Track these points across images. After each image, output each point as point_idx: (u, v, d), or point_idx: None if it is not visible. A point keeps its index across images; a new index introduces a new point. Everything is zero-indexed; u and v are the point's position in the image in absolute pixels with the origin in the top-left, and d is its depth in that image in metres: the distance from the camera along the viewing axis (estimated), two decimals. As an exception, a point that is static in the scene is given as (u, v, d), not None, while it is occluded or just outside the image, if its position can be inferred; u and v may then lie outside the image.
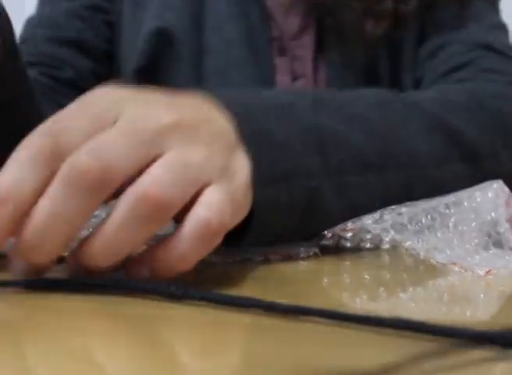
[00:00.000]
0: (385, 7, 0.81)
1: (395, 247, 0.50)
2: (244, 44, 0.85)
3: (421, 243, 0.47)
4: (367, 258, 0.51)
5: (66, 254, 0.40)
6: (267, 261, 0.49)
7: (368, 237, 0.51)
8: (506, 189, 0.52)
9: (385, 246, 0.51)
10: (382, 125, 0.55)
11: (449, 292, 0.43)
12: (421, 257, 0.47)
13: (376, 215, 0.50)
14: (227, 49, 0.85)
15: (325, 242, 0.51)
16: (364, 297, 0.43)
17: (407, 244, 0.47)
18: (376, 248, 0.51)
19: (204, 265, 0.42)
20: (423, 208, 0.49)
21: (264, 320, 0.35)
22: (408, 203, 0.51)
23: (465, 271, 0.46)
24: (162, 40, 0.85)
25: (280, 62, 0.85)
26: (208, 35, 0.86)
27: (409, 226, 0.48)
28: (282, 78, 0.85)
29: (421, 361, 0.28)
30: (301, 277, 0.46)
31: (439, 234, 0.48)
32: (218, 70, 0.85)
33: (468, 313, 0.40)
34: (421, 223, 0.48)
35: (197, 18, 0.87)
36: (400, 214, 0.49)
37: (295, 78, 0.85)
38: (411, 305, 0.42)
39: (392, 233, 0.47)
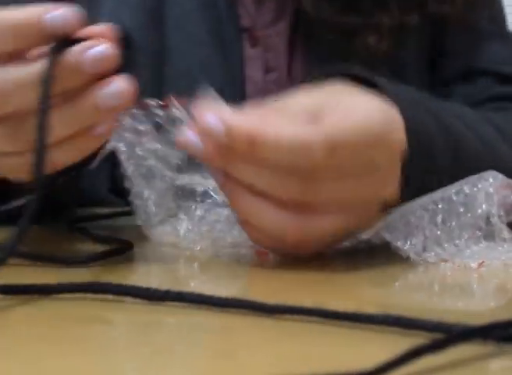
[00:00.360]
0: (386, 21, 0.78)
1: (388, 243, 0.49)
2: (210, 40, 0.78)
3: (408, 245, 0.47)
4: (359, 252, 0.50)
5: None
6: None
7: (360, 245, 0.50)
8: (500, 176, 0.51)
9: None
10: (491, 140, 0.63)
11: (440, 284, 0.43)
12: (411, 259, 0.46)
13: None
14: (191, 49, 0.79)
15: None
16: (356, 289, 0.43)
17: (398, 243, 0.46)
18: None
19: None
20: (412, 206, 0.49)
21: (251, 320, 0.34)
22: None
23: (458, 266, 0.45)
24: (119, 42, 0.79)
25: (252, 54, 0.78)
26: (169, 34, 0.79)
27: (398, 226, 0.47)
28: (254, 73, 0.77)
29: (415, 357, 0.27)
30: (290, 275, 0.45)
31: (427, 233, 0.48)
32: (181, 73, 0.79)
33: (461, 306, 0.40)
34: (409, 221, 0.48)
35: (156, 15, 0.79)
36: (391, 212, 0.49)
37: (268, 71, 0.78)
38: (404, 297, 0.41)
39: (384, 234, 0.46)
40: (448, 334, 0.30)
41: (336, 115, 0.44)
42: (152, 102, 0.47)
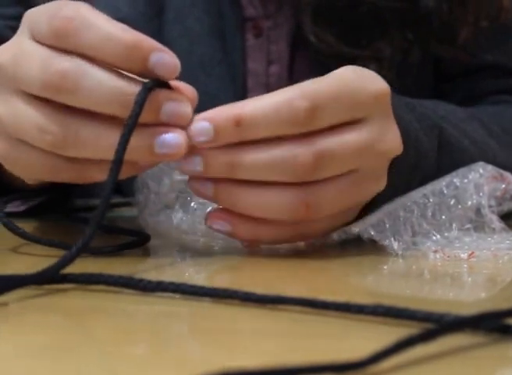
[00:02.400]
0: (387, 52, 0.77)
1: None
2: (211, 37, 0.76)
3: (397, 243, 0.47)
4: (347, 244, 0.50)
5: None
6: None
7: (348, 236, 0.50)
8: (490, 167, 0.51)
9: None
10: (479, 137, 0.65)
11: (430, 275, 0.43)
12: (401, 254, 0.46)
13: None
14: (190, 46, 0.77)
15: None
16: (346, 279, 0.43)
17: (385, 242, 0.46)
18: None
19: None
20: (402, 201, 0.49)
21: (243, 310, 0.34)
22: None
23: (448, 257, 0.46)
24: None
25: (255, 45, 0.76)
26: (168, 27, 0.77)
27: (386, 223, 0.47)
28: (256, 66, 0.76)
29: (406, 347, 0.27)
30: (280, 266, 0.45)
31: (416, 228, 0.48)
32: (182, 70, 0.76)
33: (451, 296, 0.40)
34: (398, 218, 0.48)
35: (156, 6, 0.77)
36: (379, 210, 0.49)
37: (270, 63, 0.78)
38: (394, 288, 0.42)
39: (371, 232, 0.46)
40: (439, 324, 0.30)
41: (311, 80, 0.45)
42: None
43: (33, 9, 0.45)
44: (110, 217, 0.61)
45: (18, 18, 0.79)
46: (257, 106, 0.43)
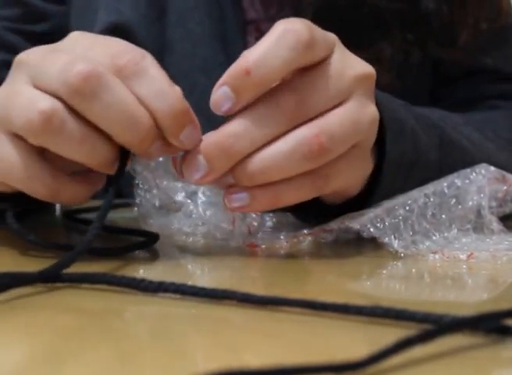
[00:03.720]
0: (387, 53, 0.77)
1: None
2: (212, 40, 0.76)
3: (397, 241, 0.47)
4: (346, 245, 0.50)
5: None
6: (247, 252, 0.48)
7: (348, 236, 0.50)
8: (492, 168, 0.52)
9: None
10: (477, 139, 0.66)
11: (429, 276, 0.43)
12: (401, 254, 0.46)
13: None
14: (192, 49, 0.76)
15: (304, 240, 0.50)
16: (345, 278, 0.43)
17: (385, 240, 0.47)
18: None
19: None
20: (402, 200, 0.49)
21: (243, 311, 0.34)
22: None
23: (447, 258, 0.46)
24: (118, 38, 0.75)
25: None
26: (170, 30, 0.77)
27: (386, 221, 0.47)
28: None
29: (405, 348, 0.27)
30: (279, 268, 0.46)
31: (416, 227, 0.48)
32: (182, 74, 0.75)
33: (450, 297, 0.40)
34: (398, 216, 0.48)
35: (158, 8, 0.77)
36: (379, 206, 0.49)
37: None
38: (393, 289, 0.41)
39: (371, 230, 0.47)
40: (437, 325, 0.30)
41: None
42: None
43: (28, 57, 0.45)
44: (110, 218, 0.61)
45: (16, 19, 0.79)
46: (258, 48, 0.43)
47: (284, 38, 0.43)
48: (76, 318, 0.34)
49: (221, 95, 0.43)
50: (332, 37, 0.46)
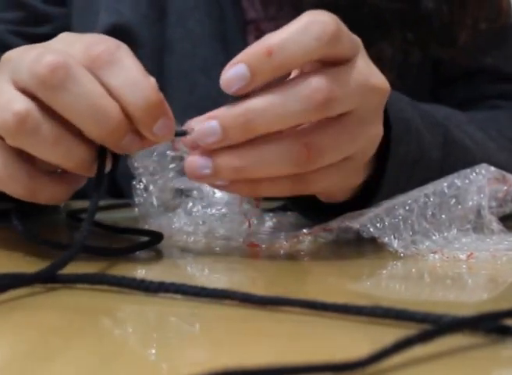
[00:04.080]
0: (388, 51, 0.78)
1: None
2: (212, 40, 0.76)
3: (397, 240, 0.47)
4: (346, 245, 0.50)
5: None
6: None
7: (348, 236, 0.51)
8: (492, 168, 0.52)
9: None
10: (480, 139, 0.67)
11: (429, 276, 0.43)
12: (401, 254, 0.46)
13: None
14: (192, 49, 0.76)
15: (304, 239, 0.50)
16: (345, 279, 0.43)
17: (385, 240, 0.47)
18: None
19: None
20: (402, 200, 0.49)
21: (243, 311, 0.34)
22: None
23: (447, 258, 0.46)
24: (118, 39, 0.74)
25: None
26: (170, 30, 0.76)
27: (386, 220, 0.47)
28: None
29: (405, 348, 0.27)
30: (280, 268, 0.46)
31: (416, 227, 0.48)
32: (182, 74, 0.75)
33: (450, 297, 0.40)
34: (398, 216, 0.48)
35: (158, 8, 0.77)
36: (379, 206, 0.49)
37: None
38: (393, 289, 0.42)
39: (371, 229, 0.47)
40: (437, 325, 0.30)
41: None
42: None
43: (11, 54, 0.44)
44: (111, 218, 0.61)
45: (17, 22, 0.79)
46: (283, 32, 0.42)
47: (310, 27, 0.42)
48: (76, 318, 0.34)
49: (235, 74, 0.42)
50: (357, 39, 0.45)
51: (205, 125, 0.42)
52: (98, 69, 0.41)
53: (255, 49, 0.42)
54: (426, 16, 0.77)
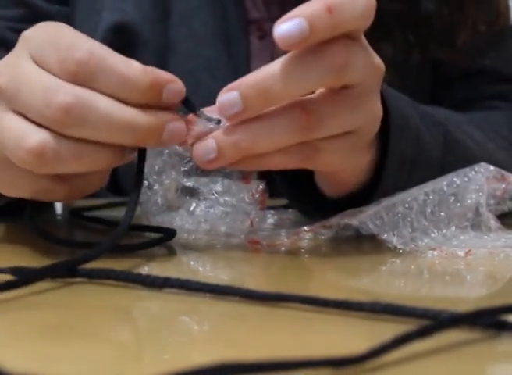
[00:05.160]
0: (388, 52, 0.77)
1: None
2: (216, 40, 0.76)
3: (396, 237, 0.47)
4: (346, 242, 0.51)
5: None
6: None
7: (348, 233, 0.51)
8: (491, 167, 0.52)
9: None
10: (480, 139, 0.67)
11: (428, 272, 0.44)
12: (400, 251, 0.47)
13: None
14: (196, 49, 0.76)
15: (305, 236, 0.51)
16: (345, 275, 0.43)
17: (384, 236, 0.47)
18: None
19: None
20: (401, 198, 0.50)
21: (242, 307, 0.35)
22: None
23: (445, 254, 0.46)
24: (122, 38, 0.73)
25: (260, 47, 0.77)
26: (173, 30, 0.76)
27: (385, 218, 0.48)
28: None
29: (404, 343, 0.28)
30: (281, 264, 0.46)
31: (415, 224, 0.49)
32: (186, 74, 0.70)
33: (448, 293, 0.41)
34: (397, 213, 0.49)
35: (161, 8, 0.76)
36: (378, 203, 0.49)
37: None
38: (393, 285, 0.42)
39: (371, 226, 0.47)
40: (436, 321, 0.31)
41: None
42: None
43: (30, 32, 0.44)
44: (112, 216, 0.62)
45: (18, 20, 0.79)
46: None
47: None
48: (80, 313, 0.35)
49: (293, 27, 0.40)
50: None
51: (226, 96, 0.43)
52: (84, 83, 0.41)
53: (316, 6, 0.41)
54: (426, 18, 0.77)
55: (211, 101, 0.44)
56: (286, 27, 0.41)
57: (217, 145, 0.43)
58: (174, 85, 0.43)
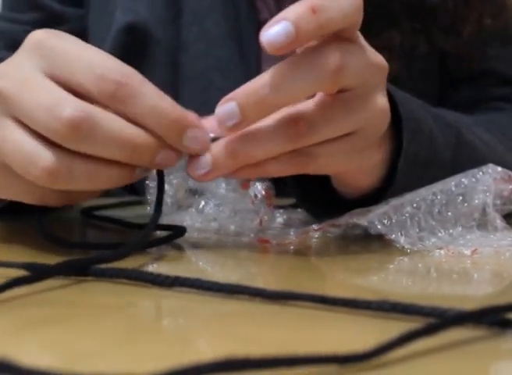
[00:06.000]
0: (396, 41, 0.77)
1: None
2: (228, 41, 0.76)
3: (403, 237, 0.48)
4: (354, 242, 0.51)
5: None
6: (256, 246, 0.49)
7: (356, 232, 0.51)
8: (499, 168, 0.52)
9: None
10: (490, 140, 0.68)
11: (435, 271, 0.44)
12: (407, 250, 0.47)
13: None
14: (208, 49, 0.76)
15: (313, 235, 0.51)
16: (353, 274, 0.43)
17: (392, 236, 0.48)
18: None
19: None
20: (409, 198, 0.50)
21: (251, 306, 0.35)
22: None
23: (452, 253, 0.47)
24: (134, 38, 0.73)
25: None
26: (185, 30, 0.76)
27: (393, 218, 0.48)
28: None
29: (410, 340, 0.28)
30: (290, 263, 0.47)
31: (422, 224, 0.49)
32: (197, 74, 0.75)
33: (455, 291, 0.41)
34: (405, 213, 0.49)
35: (174, 8, 0.77)
36: (386, 203, 0.50)
37: None
38: (400, 284, 0.42)
39: (379, 226, 0.48)
40: (442, 319, 0.31)
41: None
42: None
43: (41, 36, 0.43)
44: (123, 215, 0.62)
45: (34, 23, 0.80)
46: None
47: None
48: (91, 311, 0.35)
49: (279, 30, 0.40)
50: None
51: (223, 108, 0.43)
52: (118, 104, 0.41)
53: (300, 7, 0.41)
54: (432, 9, 0.78)
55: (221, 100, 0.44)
56: (272, 32, 0.41)
57: (211, 158, 0.44)
58: (197, 131, 0.43)
